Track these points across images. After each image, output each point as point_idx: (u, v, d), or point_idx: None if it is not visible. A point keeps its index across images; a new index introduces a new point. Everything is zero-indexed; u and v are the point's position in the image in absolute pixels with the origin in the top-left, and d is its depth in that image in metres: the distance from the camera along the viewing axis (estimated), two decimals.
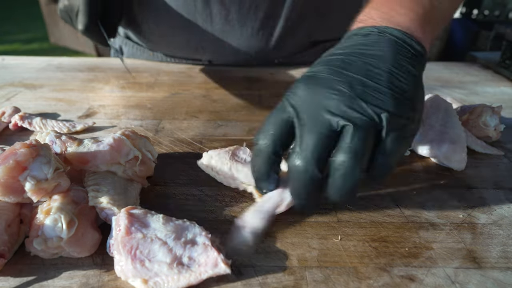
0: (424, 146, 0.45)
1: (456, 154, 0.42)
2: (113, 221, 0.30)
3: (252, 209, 0.33)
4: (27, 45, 3.50)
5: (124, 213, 0.29)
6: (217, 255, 0.28)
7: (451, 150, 0.43)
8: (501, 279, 0.29)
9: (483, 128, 0.47)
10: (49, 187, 0.31)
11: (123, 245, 0.28)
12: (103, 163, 0.35)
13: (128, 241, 0.28)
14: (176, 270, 0.28)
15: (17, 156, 0.30)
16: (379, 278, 0.29)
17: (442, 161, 0.44)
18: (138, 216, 0.30)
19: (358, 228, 0.34)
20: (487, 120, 0.47)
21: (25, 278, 0.29)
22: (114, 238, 0.29)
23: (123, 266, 0.28)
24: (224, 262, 0.28)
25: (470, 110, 0.48)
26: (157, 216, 0.30)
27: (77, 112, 0.57)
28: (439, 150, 0.43)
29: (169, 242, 0.29)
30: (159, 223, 0.29)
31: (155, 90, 0.66)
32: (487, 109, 0.48)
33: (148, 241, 0.28)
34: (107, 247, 0.30)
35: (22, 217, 0.32)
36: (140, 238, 0.28)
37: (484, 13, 1.40)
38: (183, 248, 0.29)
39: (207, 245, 0.29)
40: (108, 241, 0.30)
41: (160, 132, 0.52)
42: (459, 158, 0.42)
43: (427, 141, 0.45)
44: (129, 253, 0.28)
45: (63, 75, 0.73)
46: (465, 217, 0.36)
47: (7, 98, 0.61)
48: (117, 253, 0.28)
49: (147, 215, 0.30)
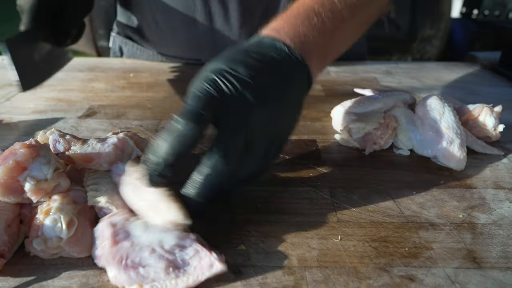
0: (424, 146, 0.45)
1: (456, 154, 0.42)
2: (95, 232, 0.30)
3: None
4: None
5: (105, 223, 0.29)
6: (210, 255, 0.28)
7: (450, 150, 0.43)
8: (501, 279, 0.29)
9: (483, 128, 0.47)
10: (49, 187, 0.31)
11: (112, 256, 0.28)
12: (107, 162, 0.35)
13: (116, 251, 0.28)
14: (173, 275, 0.27)
15: (16, 156, 0.30)
16: (379, 278, 0.29)
17: (442, 161, 0.44)
18: (119, 224, 0.29)
19: (358, 228, 0.34)
20: (487, 120, 0.47)
21: (25, 278, 0.29)
22: (101, 249, 0.29)
23: (116, 276, 0.27)
24: (219, 261, 0.28)
25: (470, 110, 0.48)
26: (138, 221, 0.30)
27: (77, 112, 0.57)
28: (439, 150, 0.43)
29: (157, 249, 0.28)
30: (141, 230, 0.29)
31: (155, 90, 0.66)
32: (487, 109, 0.48)
33: (137, 249, 0.28)
34: (94, 258, 0.29)
35: (22, 217, 0.32)
36: (128, 247, 0.28)
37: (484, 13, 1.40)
38: (173, 253, 0.28)
39: (197, 246, 0.29)
40: (93, 253, 0.30)
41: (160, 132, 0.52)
42: (458, 158, 0.42)
43: (427, 141, 0.45)
44: (120, 263, 0.27)
45: (63, 75, 0.73)
46: (465, 217, 0.36)
47: (7, 98, 0.61)
48: (107, 264, 0.28)
49: (127, 221, 0.30)
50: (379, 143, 0.46)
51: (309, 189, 0.40)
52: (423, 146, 0.45)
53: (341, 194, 0.39)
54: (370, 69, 0.79)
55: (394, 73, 0.77)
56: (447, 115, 0.45)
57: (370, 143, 0.46)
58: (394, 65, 0.83)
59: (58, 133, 0.36)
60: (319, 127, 0.53)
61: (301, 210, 0.36)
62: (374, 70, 0.79)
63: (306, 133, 0.52)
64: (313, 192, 0.39)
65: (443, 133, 0.44)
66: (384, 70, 0.78)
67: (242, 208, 0.37)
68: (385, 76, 0.75)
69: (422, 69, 0.80)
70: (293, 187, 0.40)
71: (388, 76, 0.75)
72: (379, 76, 0.75)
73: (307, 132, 0.52)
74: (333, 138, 0.50)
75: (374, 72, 0.77)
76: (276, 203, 0.37)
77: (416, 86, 0.70)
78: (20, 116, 0.55)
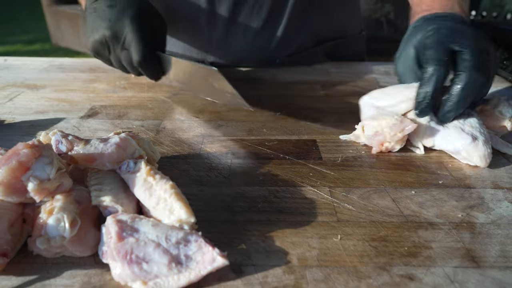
0: (446, 141, 0.45)
1: (480, 149, 0.43)
2: (102, 229, 0.30)
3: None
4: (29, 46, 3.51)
5: (112, 220, 0.30)
6: (212, 250, 0.28)
7: (474, 146, 0.43)
8: (500, 278, 0.29)
9: (499, 118, 0.48)
10: (52, 187, 0.31)
11: (117, 251, 0.28)
12: (109, 162, 0.35)
13: (121, 246, 0.28)
14: (175, 270, 0.28)
15: (19, 156, 0.30)
16: (378, 277, 0.29)
17: (465, 156, 0.44)
18: (126, 222, 0.30)
19: (358, 228, 0.34)
20: (504, 110, 0.48)
21: (28, 277, 0.29)
22: (106, 246, 0.29)
23: (120, 272, 0.28)
24: (221, 255, 0.28)
25: (487, 101, 0.50)
26: (146, 219, 0.30)
27: (79, 112, 0.57)
28: (462, 146, 0.44)
29: (162, 243, 0.29)
30: (149, 226, 0.30)
31: (156, 90, 0.67)
32: (503, 100, 0.49)
33: (141, 244, 0.28)
34: (100, 255, 0.30)
35: (25, 217, 0.32)
36: (133, 242, 0.28)
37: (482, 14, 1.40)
38: (177, 248, 0.29)
39: (200, 242, 0.29)
40: (99, 249, 0.30)
41: (161, 132, 0.52)
42: (482, 154, 0.43)
43: (450, 136, 0.45)
44: (124, 258, 0.28)
45: (65, 76, 0.73)
46: (464, 216, 0.36)
47: (9, 99, 0.62)
48: (112, 260, 0.28)
49: (135, 219, 0.30)
50: (387, 146, 0.46)
51: (309, 189, 0.40)
52: (446, 141, 0.45)
53: (341, 194, 0.39)
54: (369, 70, 0.79)
55: (393, 73, 0.78)
56: (470, 117, 0.46)
57: (378, 143, 0.46)
58: (393, 66, 0.83)
59: (61, 134, 0.36)
60: (319, 127, 0.54)
61: (301, 210, 0.37)
62: (373, 70, 0.79)
63: (306, 133, 0.52)
64: (313, 192, 0.39)
65: (467, 131, 0.44)
66: (383, 71, 0.79)
67: (242, 208, 0.37)
68: (384, 77, 0.75)
69: None
70: (293, 187, 0.40)
71: (387, 76, 0.76)
72: (378, 77, 0.75)
73: (307, 132, 0.52)
74: (333, 138, 0.50)
75: (373, 73, 0.77)
76: (276, 202, 0.38)
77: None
78: (23, 116, 0.56)
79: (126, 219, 0.30)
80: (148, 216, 0.32)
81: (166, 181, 0.33)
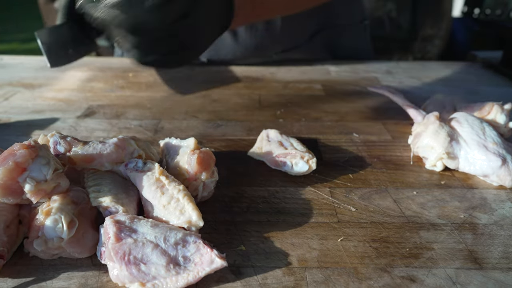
0: (473, 164, 0.42)
1: (511, 171, 0.40)
2: (101, 229, 0.30)
3: None
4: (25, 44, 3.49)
5: (110, 220, 0.29)
6: (210, 252, 0.28)
7: (505, 169, 0.40)
8: (503, 279, 0.29)
9: (494, 126, 0.46)
10: (49, 188, 0.30)
11: (115, 252, 0.28)
12: (108, 162, 0.35)
13: (119, 247, 0.28)
14: (173, 272, 0.27)
15: (16, 157, 0.30)
16: (379, 278, 0.29)
17: (494, 179, 0.41)
18: (125, 222, 0.29)
19: (359, 229, 0.34)
20: (498, 117, 0.47)
21: (24, 279, 0.29)
22: (104, 246, 0.29)
23: (118, 273, 0.27)
24: (219, 257, 0.28)
25: (481, 108, 0.48)
26: (145, 220, 0.30)
27: (76, 112, 0.57)
28: (492, 169, 0.40)
29: (161, 244, 0.28)
30: (147, 227, 0.29)
31: (154, 89, 0.66)
32: (497, 107, 0.47)
33: (139, 245, 0.28)
34: (98, 255, 0.30)
35: (21, 218, 0.32)
36: (131, 243, 0.28)
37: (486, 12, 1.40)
38: (176, 249, 0.28)
39: (199, 243, 0.29)
40: (98, 249, 0.30)
41: (159, 132, 0.51)
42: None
43: (476, 159, 0.42)
44: (122, 259, 0.27)
45: (62, 75, 0.73)
46: (466, 217, 0.36)
47: (5, 98, 0.61)
48: (109, 260, 0.28)
49: (134, 220, 0.30)
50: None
51: (309, 189, 0.39)
52: (470, 164, 0.42)
53: (341, 195, 0.39)
54: (370, 69, 0.79)
55: (394, 72, 0.77)
56: (488, 130, 0.43)
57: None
58: (394, 65, 0.82)
59: (59, 135, 0.36)
60: (319, 127, 0.53)
61: (301, 210, 0.36)
62: (374, 69, 0.79)
63: (306, 133, 0.52)
64: (313, 193, 0.39)
65: (492, 151, 0.41)
66: (384, 70, 0.78)
67: (241, 208, 0.36)
68: (385, 76, 0.75)
69: (423, 69, 0.80)
70: (293, 187, 0.40)
71: (389, 75, 0.75)
72: (379, 76, 0.75)
73: (307, 132, 0.52)
74: (333, 138, 0.50)
75: (374, 72, 0.77)
76: (276, 203, 0.37)
77: (417, 86, 0.70)
78: (19, 116, 0.55)
79: (125, 219, 0.30)
80: (149, 216, 0.32)
81: (178, 183, 0.33)
